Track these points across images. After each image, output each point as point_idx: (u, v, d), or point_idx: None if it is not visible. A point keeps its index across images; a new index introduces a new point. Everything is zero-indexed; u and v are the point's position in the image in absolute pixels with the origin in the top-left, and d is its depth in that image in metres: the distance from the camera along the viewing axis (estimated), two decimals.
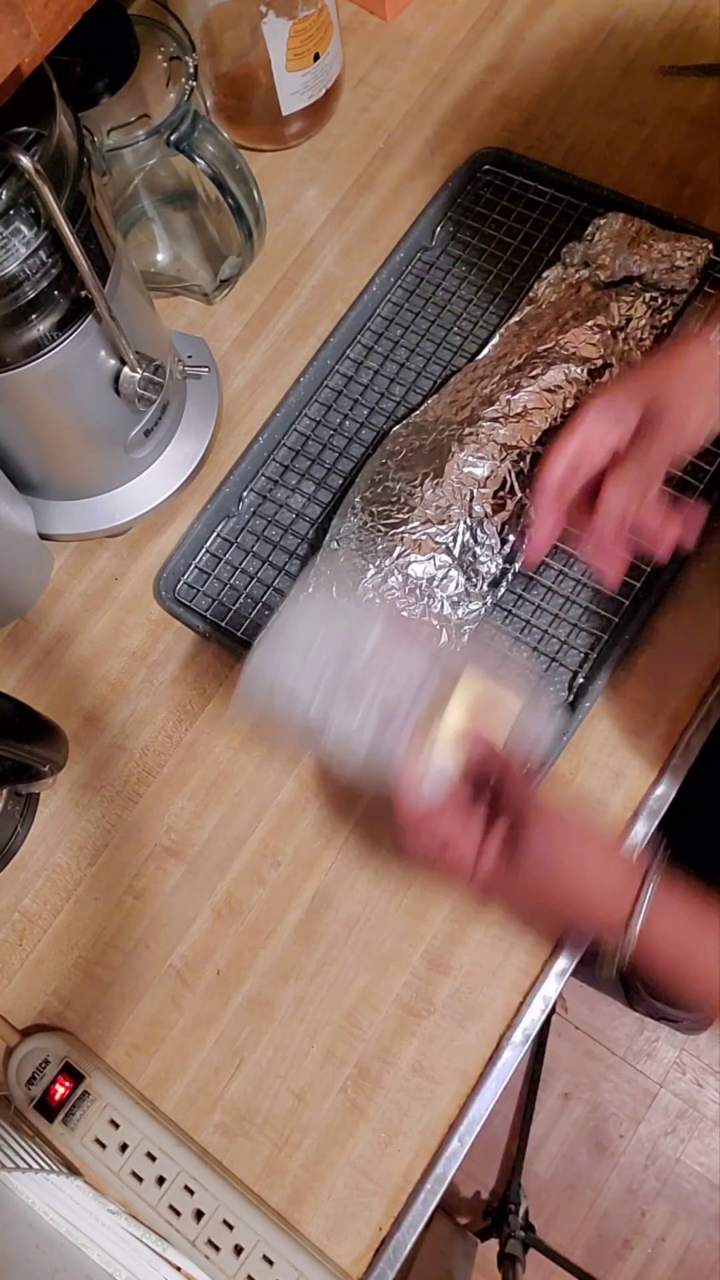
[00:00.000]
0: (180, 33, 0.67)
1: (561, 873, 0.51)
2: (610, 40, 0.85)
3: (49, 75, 0.51)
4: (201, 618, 0.71)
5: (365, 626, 0.55)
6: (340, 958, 0.63)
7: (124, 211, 0.77)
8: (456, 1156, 0.59)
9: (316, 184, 0.84)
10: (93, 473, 0.70)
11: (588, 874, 0.51)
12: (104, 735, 0.69)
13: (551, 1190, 1.29)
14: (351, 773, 0.55)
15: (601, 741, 0.65)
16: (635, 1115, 1.31)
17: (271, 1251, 0.57)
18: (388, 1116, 0.60)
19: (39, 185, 0.48)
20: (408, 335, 0.77)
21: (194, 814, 0.67)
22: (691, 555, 0.65)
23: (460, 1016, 0.61)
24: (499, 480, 0.65)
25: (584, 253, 0.74)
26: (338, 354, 0.77)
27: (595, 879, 0.51)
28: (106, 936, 0.65)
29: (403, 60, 0.87)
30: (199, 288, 0.80)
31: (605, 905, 0.50)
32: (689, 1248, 1.26)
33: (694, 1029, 1.29)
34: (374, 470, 0.69)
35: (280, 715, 0.55)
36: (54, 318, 0.56)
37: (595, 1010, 1.35)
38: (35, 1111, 0.60)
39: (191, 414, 0.73)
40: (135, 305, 0.63)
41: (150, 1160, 0.59)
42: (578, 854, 0.52)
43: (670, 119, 0.82)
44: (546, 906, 0.56)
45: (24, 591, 0.72)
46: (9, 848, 0.67)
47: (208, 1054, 0.62)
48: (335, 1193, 0.59)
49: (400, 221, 0.81)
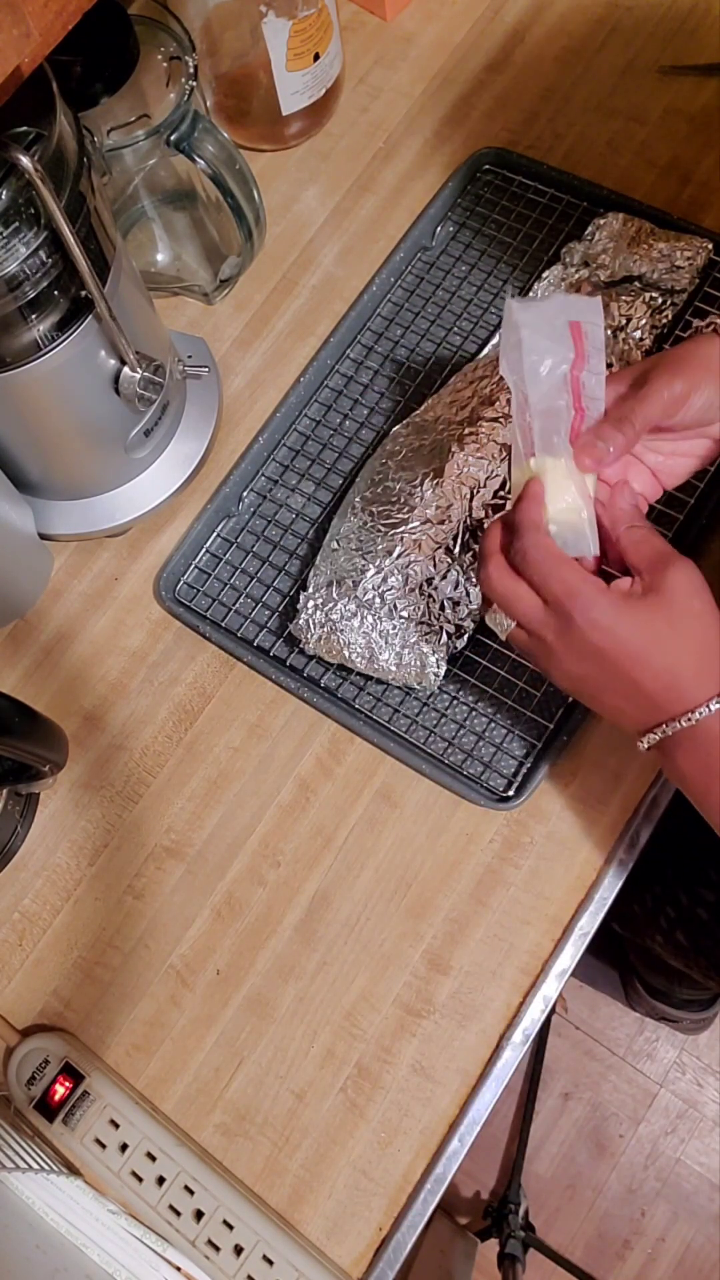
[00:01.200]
0: (180, 33, 0.67)
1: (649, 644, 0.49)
2: (610, 40, 0.85)
3: (49, 75, 0.51)
4: (201, 618, 0.71)
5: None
6: (340, 958, 0.63)
7: (124, 211, 0.78)
8: (456, 1156, 0.59)
9: (316, 184, 0.84)
10: (93, 473, 0.70)
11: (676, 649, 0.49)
12: (104, 735, 0.70)
13: (551, 1190, 1.29)
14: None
15: (601, 741, 0.65)
16: (635, 1115, 1.31)
17: (271, 1251, 0.57)
18: (388, 1116, 0.60)
19: (39, 185, 0.48)
20: (408, 335, 0.77)
21: (194, 814, 0.67)
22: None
23: (460, 1016, 0.61)
24: (499, 480, 0.65)
25: (584, 253, 0.74)
26: (338, 354, 0.77)
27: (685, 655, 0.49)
28: (106, 936, 0.65)
29: (403, 60, 0.87)
30: (199, 288, 0.80)
31: (675, 686, 0.48)
32: (689, 1248, 1.26)
33: (694, 1029, 1.29)
34: (374, 470, 0.69)
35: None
36: (54, 318, 0.56)
37: (595, 1010, 1.35)
38: (35, 1111, 0.60)
39: (191, 414, 0.73)
40: (135, 305, 0.63)
41: (150, 1160, 0.59)
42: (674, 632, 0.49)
43: (670, 119, 0.82)
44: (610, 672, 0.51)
45: (24, 591, 0.72)
46: (9, 848, 0.67)
47: (208, 1054, 0.62)
48: (335, 1193, 0.59)
49: (400, 221, 0.81)
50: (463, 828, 0.64)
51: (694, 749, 0.49)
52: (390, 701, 0.67)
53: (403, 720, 0.67)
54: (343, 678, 0.68)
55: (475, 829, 0.64)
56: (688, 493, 0.68)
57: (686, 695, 0.48)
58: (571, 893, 0.63)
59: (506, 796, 0.64)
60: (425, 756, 0.65)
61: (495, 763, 0.65)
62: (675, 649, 0.49)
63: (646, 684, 0.49)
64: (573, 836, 0.64)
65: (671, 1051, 1.33)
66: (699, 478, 0.69)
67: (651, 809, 0.64)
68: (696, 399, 0.52)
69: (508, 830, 0.64)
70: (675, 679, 0.49)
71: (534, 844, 0.64)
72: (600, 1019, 1.35)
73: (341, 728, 0.67)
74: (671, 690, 0.49)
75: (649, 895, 0.86)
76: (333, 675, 0.68)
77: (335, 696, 0.67)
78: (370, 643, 0.64)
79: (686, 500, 0.68)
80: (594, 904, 0.62)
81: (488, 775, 0.65)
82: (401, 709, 0.67)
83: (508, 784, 0.64)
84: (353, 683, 0.68)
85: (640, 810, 0.64)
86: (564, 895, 0.63)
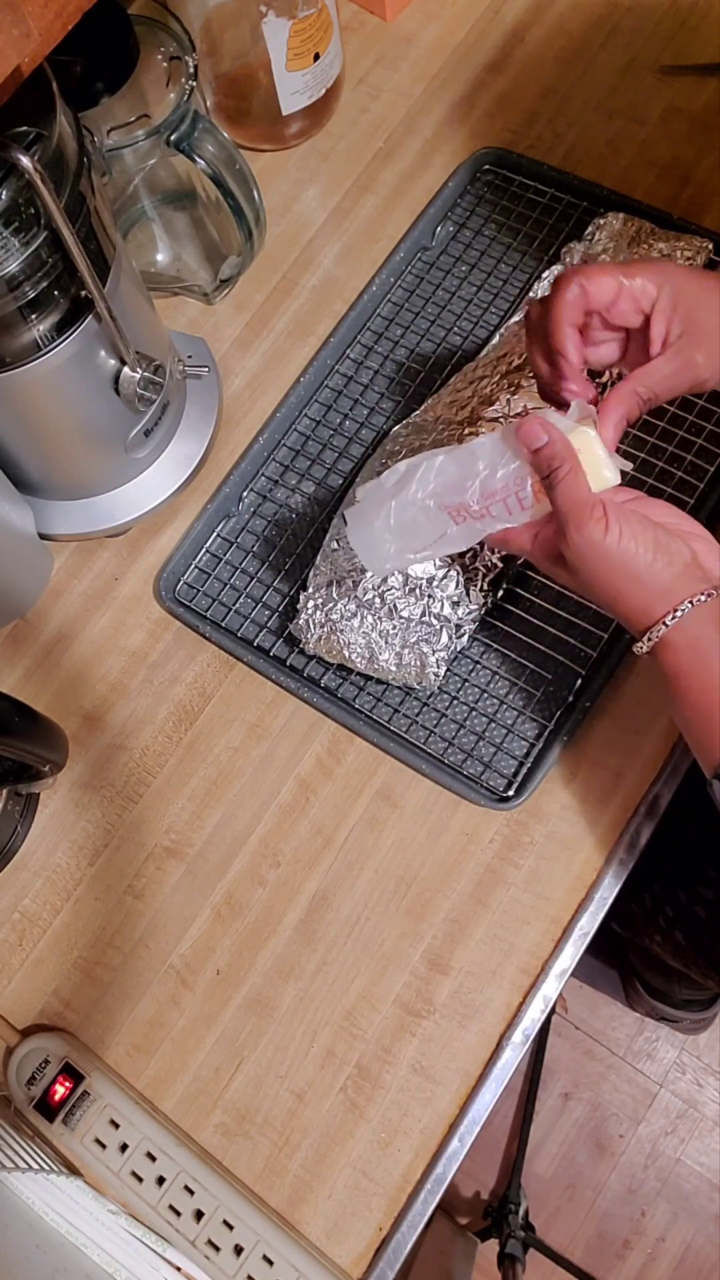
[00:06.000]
0: (180, 33, 0.67)
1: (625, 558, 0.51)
2: (610, 40, 0.85)
3: (49, 75, 0.51)
4: (201, 618, 0.71)
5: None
6: (340, 958, 0.63)
7: (124, 211, 0.78)
8: (456, 1156, 0.59)
9: (316, 184, 0.84)
10: (93, 473, 0.70)
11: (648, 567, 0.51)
12: (104, 735, 0.70)
13: (551, 1190, 1.29)
14: None
15: (601, 741, 0.65)
16: (635, 1115, 1.31)
17: (271, 1251, 0.57)
18: (388, 1116, 0.60)
19: (39, 185, 0.48)
20: (408, 335, 0.77)
21: (194, 814, 0.67)
22: None
23: (460, 1016, 0.61)
24: None
25: (584, 253, 0.74)
26: (338, 354, 0.77)
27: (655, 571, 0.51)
28: (106, 936, 0.65)
29: (403, 60, 0.87)
30: (199, 288, 0.80)
31: (656, 595, 0.50)
32: (689, 1248, 1.26)
33: (694, 1029, 1.29)
34: (374, 470, 0.69)
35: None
36: (54, 318, 0.56)
37: (595, 1010, 1.35)
38: (35, 1111, 0.60)
39: (191, 414, 0.73)
40: (135, 305, 0.63)
41: (150, 1160, 0.59)
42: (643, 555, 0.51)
43: (670, 119, 0.82)
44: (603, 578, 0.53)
45: (24, 591, 0.72)
46: (9, 848, 0.67)
47: (208, 1054, 0.62)
48: (335, 1193, 0.59)
49: (400, 221, 0.81)
50: (463, 828, 0.64)
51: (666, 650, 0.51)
52: (390, 701, 0.67)
53: (403, 720, 0.67)
54: (343, 678, 0.68)
55: (475, 829, 0.64)
56: (688, 493, 0.69)
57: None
58: (571, 893, 0.63)
59: (506, 796, 0.64)
60: (425, 756, 0.65)
61: (495, 763, 0.65)
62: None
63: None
64: (573, 836, 0.64)
65: (671, 1051, 1.33)
66: (698, 477, 0.69)
67: (651, 809, 0.64)
68: (707, 365, 0.54)
69: (508, 830, 0.64)
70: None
71: (534, 844, 0.64)
72: (600, 1019, 1.35)
73: (341, 728, 0.67)
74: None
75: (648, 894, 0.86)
76: (333, 675, 0.68)
77: (335, 696, 0.67)
78: (370, 643, 0.64)
79: (686, 500, 0.68)
80: (594, 904, 0.62)
81: (488, 775, 0.65)
82: (401, 709, 0.67)
83: (508, 784, 0.64)
84: (353, 683, 0.68)
85: (640, 810, 0.64)
86: (564, 895, 0.63)
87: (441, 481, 0.55)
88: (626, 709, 0.65)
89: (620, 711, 0.65)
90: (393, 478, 0.57)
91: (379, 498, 0.57)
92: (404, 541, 0.57)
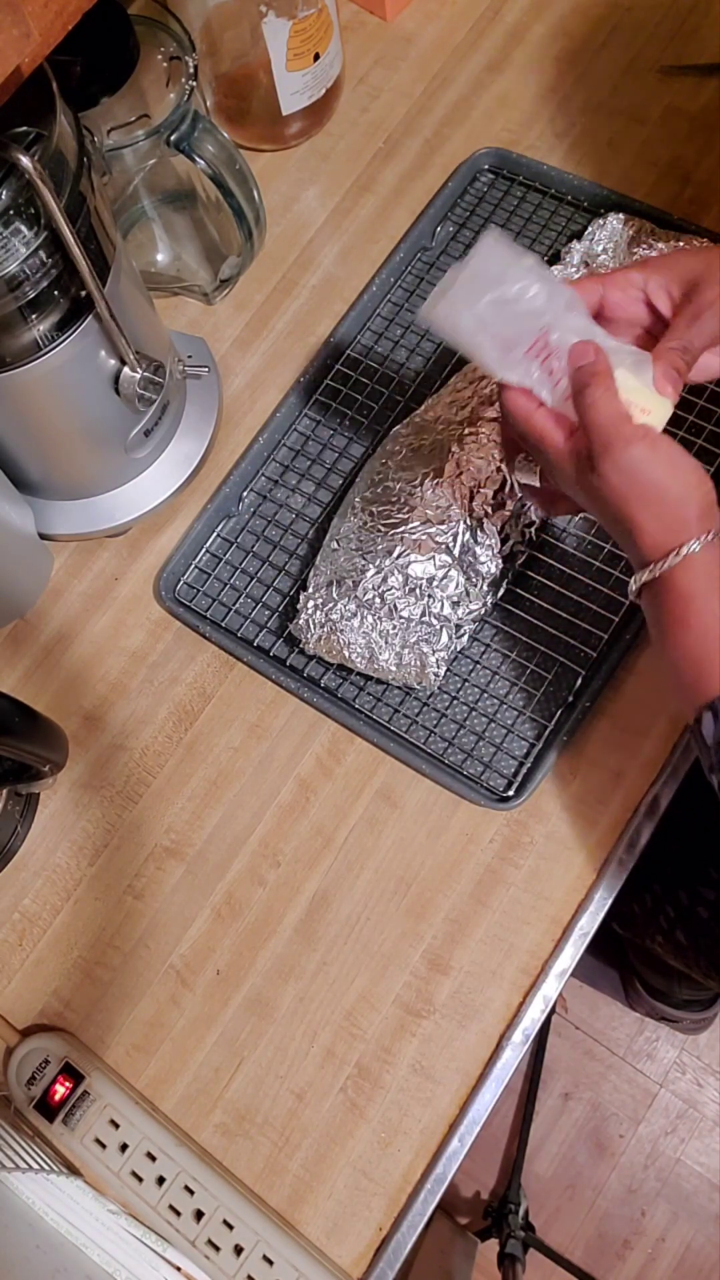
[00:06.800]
0: (180, 33, 0.67)
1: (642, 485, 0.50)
2: (610, 40, 0.85)
3: (49, 75, 0.51)
4: (201, 618, 0.71)
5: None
6: (340, 958, 0.63)
7: (124, 211, 0.78)
8: (456, 1156, 0.59)
9: (316, 184, 0.84)
10: (93, 473, 0.70)
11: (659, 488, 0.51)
12: (104, 735, 0.70)
13: (551, 1190, 1.29)
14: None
15: (601, 741, 0.65)
16: (635, 1115, 1.31)
17: (271, 1251, 0.57)
18: (388, 1116, 0.60)
19: (39, 185, 0.48)
20: (408, 335, 0.77)
21: (194, 814, 0.67)
22: None
23: (460, 1016, 0.61)
24: (499, 480, 0.65)
25: (584, 253, 0.74)
26: (338, 354, 0.77)
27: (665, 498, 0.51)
28: (106, 937, 0.65)
29: (403, 60, 0.87)
30: (199, 288, 0.80)
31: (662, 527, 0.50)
32: (689, 1248, 1.26)
33: (694, 1029, 1.29)
34: (374, 470, 0.69)
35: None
36: (54, 318, 0.56)
37: (595, 1010, 1.35)
38: (35, 1111, 0.60)
39: (191, 414, 0.73)
40: (135, 305, 0.63)
41: (150, 1160, 0.59)
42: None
43: (670, 119, 0.82)
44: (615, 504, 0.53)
45: (24, 591, 0.72)
46: (9, 848, 0.67)
47: (208, 1054, 0.62)
48: (335, 1193, 0.59)
49: (400, 221, 0.81)
50: (463, 828, 0.64)
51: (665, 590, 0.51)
52: (390, 701, 0.67)
53: (403, 720, 0.67)
54: (343, 678, 0.68)
55: (475, 829, 0.64)
56: None
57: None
58: (571, 893, 0.63)
59: (506, 796, 0.64)
60: (425, 756, 0.65)
61: (495, 763, 0.65)
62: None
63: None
64: (573, 836, 0.64)
65: (671, 1051, 1.33)
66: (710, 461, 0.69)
67: (652, 809, 0.64)
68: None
69: (508, 830, 0.64)
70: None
71: (534, 844, 0.64)
72: (600, 1019, 1.35)
73: (341, 728, 0.67)
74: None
75: (649, 894, 0.86)
76: (333, 675, 0.68)
77: (335, 696, 0.67)
78: (370, 643, 0.64)
79: None
80: (594, 904, 0.62)
81: (488, 775, 0.65)
82: (401, 709, 0.67)
83: (508, 784, 0.64)
84: (353, 683, 0.68)
85: (640, 810, 0.64)
86: (564, 895, 0.63)
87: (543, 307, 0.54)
88: (626, 709, 0.65)
89: (620, 711, 0.65)
90: (528, 259, 0.54)
91: (500, 270, 0.54)
92: (493, 315, 0.54)
